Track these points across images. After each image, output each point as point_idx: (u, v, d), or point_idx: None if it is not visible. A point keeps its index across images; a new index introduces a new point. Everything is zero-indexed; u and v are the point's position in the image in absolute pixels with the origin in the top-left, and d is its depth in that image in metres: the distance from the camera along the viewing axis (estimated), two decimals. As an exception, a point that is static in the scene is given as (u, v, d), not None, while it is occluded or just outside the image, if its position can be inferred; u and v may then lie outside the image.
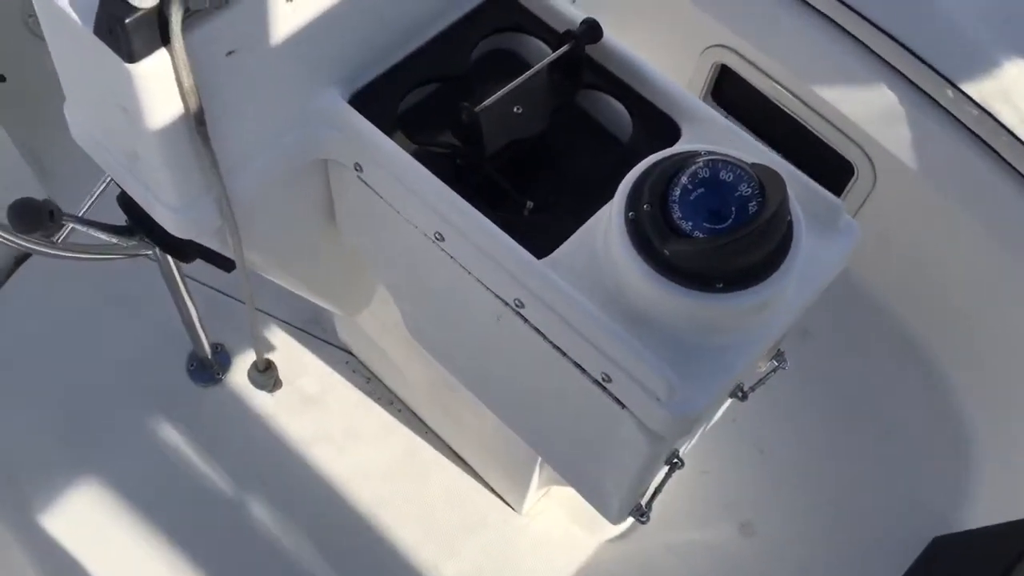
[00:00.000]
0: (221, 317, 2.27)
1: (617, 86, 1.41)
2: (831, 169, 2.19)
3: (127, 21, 1.03)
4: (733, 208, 1.14)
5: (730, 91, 2.33)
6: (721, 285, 1.15)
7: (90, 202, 1.72)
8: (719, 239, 1.12)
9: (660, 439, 1.28)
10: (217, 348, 2.30)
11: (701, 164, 1.16)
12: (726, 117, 1.42)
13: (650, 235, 1.16)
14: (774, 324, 1.24)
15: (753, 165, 1.16)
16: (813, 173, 1.31)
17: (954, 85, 1.98)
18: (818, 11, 2.08)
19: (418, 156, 1.33)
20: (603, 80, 1.41)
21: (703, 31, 2.26)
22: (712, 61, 2.29)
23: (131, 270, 2.01)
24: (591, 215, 1.30)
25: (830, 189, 1.30)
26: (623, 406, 1.27)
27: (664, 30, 2.33)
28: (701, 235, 1.13)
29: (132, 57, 1.06)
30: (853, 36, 2.06)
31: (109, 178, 1.86)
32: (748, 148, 1.31)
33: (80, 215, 1.65)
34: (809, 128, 2.18)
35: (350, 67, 1.37)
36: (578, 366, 1.28)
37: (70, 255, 1.66)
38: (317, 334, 2.36)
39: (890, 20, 2.02)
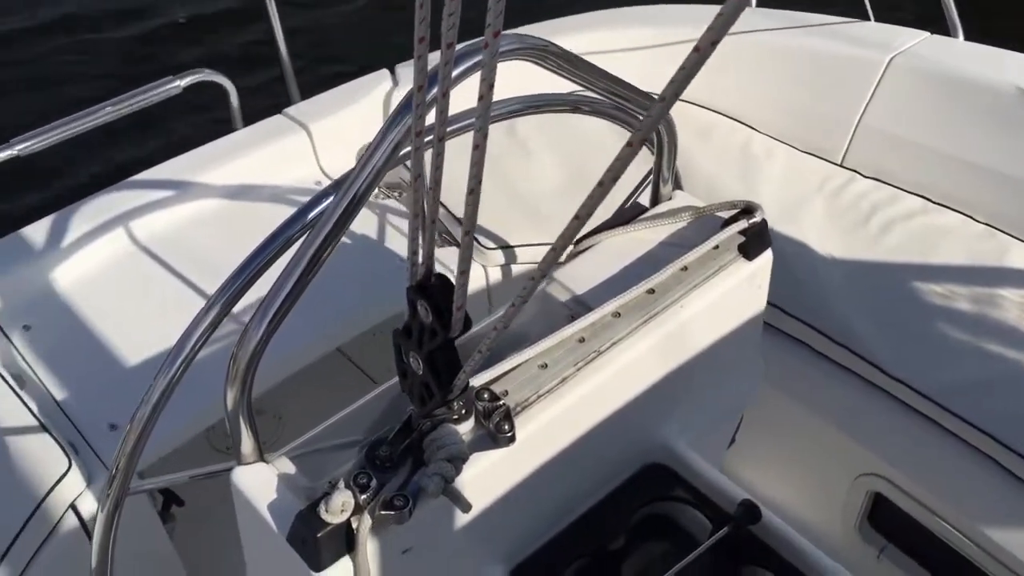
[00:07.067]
0: None
1: (779, 564, 1.40)
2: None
3: (319, 535, 1.12)
4: None
5: (886, 519, 2.28)
6: None
7: None
8: None
9: None
10: None
11: None
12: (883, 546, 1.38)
13: None
14: None
15: None
16: None
17: None
18: (977, 449, 2.06)
19: None
20: (765, 558, 1.41)
21: (855, 458, 2.26)
22: (866, 489, 2.26)
23: None
24: None
25: None
26: None
27: (815, 454, 2.35)
28: None
29: (319, 566, 1.14)
30: (1016, 476, 2.02)
31: None
32: None
33: None
34: (975, 564, 2.08)
35: (512, 544, 1.42)
36: None
37: None
38: None
39: None
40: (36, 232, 2.42)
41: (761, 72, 2.84)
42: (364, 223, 2.56)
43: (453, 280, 1.03)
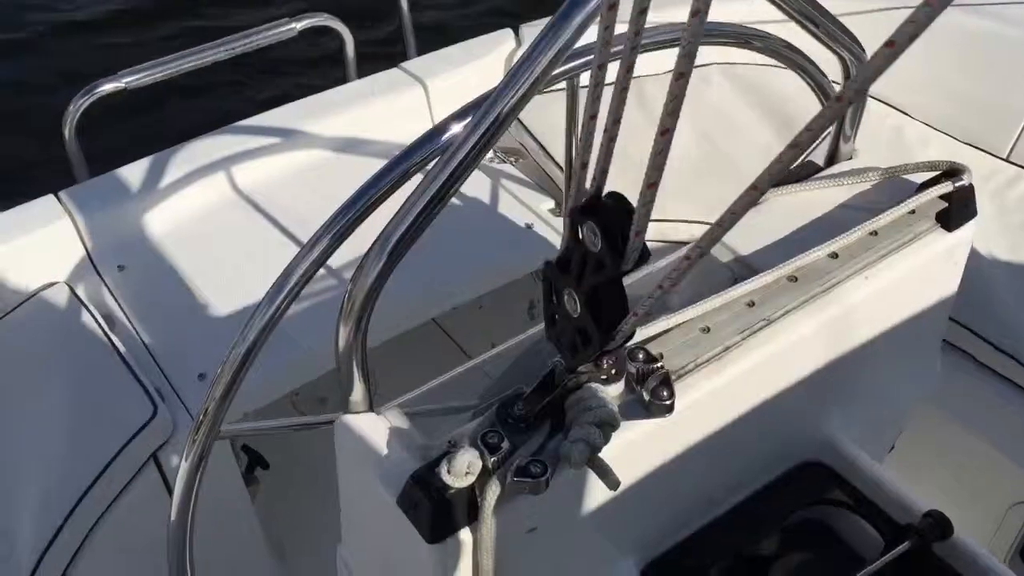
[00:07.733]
0: None
1: None
2: None
3: (437, 500, 0.94)
4: None
5: (1045, 555, 2.01)
6: None
7: None
8: None
9: None
10: None
11: None
12: None
13: None
14: None
15: None
16: None
17: None
18: None
19: None
20: None
21: (1013, 483, 2.00)
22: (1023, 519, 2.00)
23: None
24: None
25: None
26: None
27: (968, 475, 2.09)
28: None
29: (433, 537, 0.96)
30: None
31: None
32: None
33: None
34: None
35: (647, 535, 1.22)
36: None
37: None
38: None
39: None
40: (137, 171, 2.31)
41: (919, 54, 2.58)
42: (474, 187, 2.38)
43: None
